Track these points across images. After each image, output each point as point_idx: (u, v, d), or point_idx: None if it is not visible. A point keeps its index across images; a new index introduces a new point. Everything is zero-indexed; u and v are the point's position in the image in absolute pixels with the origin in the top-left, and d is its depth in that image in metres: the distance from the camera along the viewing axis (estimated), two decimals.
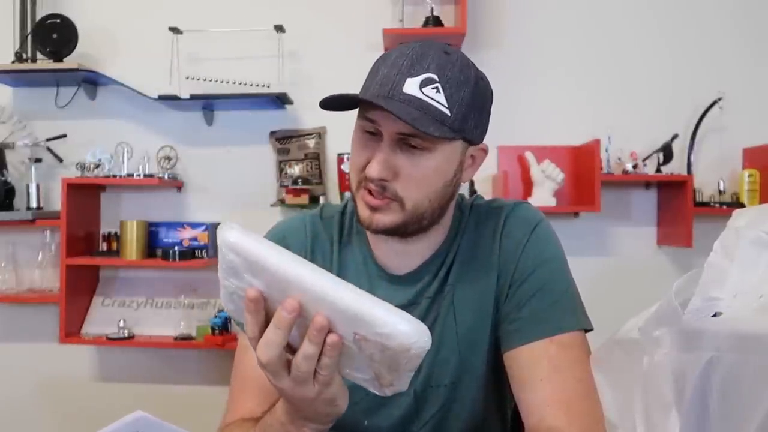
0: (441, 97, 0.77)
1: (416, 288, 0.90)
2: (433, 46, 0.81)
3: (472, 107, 0.80)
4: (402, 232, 0.84)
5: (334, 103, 0.79)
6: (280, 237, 0.95)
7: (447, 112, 0.77)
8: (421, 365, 0.88)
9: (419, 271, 0.90)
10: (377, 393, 0.64)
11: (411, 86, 0.77)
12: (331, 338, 0.58)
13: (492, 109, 0.88)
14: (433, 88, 0.77)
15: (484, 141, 0.89)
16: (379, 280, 0.91)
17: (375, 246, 0.91)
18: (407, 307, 0.89)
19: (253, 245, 0.59)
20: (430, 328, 0.87)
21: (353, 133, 0.84)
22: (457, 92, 0.78)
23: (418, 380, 0.89)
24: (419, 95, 0.77)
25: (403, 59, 0.79)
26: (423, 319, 0.88)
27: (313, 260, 0.92)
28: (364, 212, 0.83)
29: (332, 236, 0.94)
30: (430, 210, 0.83)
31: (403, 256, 0.90)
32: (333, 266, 0.92)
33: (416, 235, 0.87)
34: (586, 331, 0.86)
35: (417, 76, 0.77)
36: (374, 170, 0.78)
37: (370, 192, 0.81)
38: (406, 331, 0.55)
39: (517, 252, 0.88)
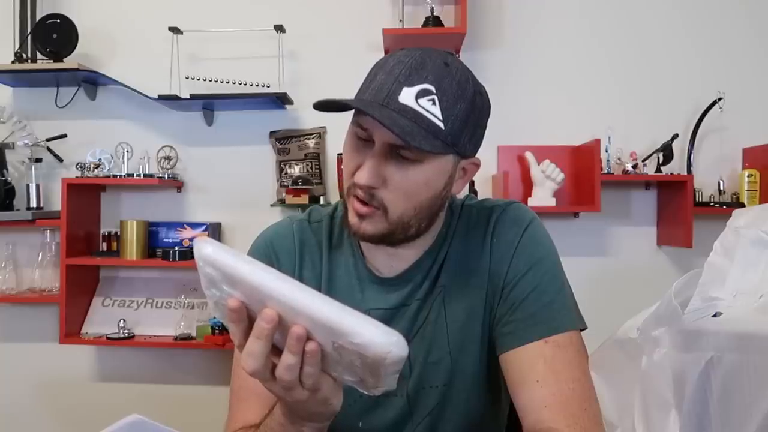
0: (436, 110, 0.76)
1: (406, 290, 0.90)
2: (433, 56, 0.79)
3: (466, 122, 0.79)
4: (388, 240, 0.83)
5: (328, 106, 0.78)
6: (267, 243, 0.95)
7: (441, 125, 0.76)
8: (413, 367, 0.89)
9: (409, 273, 0.90)
10: (367, 393, 0.64)
11: (407, 96, 0.75)
12: (310, 346, 0.58)
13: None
14: (429, 100, 0.76)
15: (478, 153, 0.87)
16: (369, 283, 0.91)
17: (365, 249, 0.91)
18: (398, 309, 0.89)
19: (227, 258, 0.60)
20: (421, 330, 0.89)
21: (346, 138, 0.84)
22: (453, 106, 0.77)
23: (410, 382, 0.89)
24: (414, 106, 0.75)
25: (401, 67, 0.77)
26: (414, 320, 0.89)
27: (301, 266, 0.92)
28: (352, 219, 0.82)
29: (321, 241, 0.94)
30: (416, 220, 0.82)
31: (393, 259, 0.90)
32: (323, 271, 0.92)
33: (404, 243, 0.86)
34: (581, 330, 0.86)
35: (414, 86, 0.76)
36: (363, 177, 0.78)
37: (358, 199, 0.80)
38: (379, 342, 0.55)
39: (509, 253, 0.87)
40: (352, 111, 0.82)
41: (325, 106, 0.77)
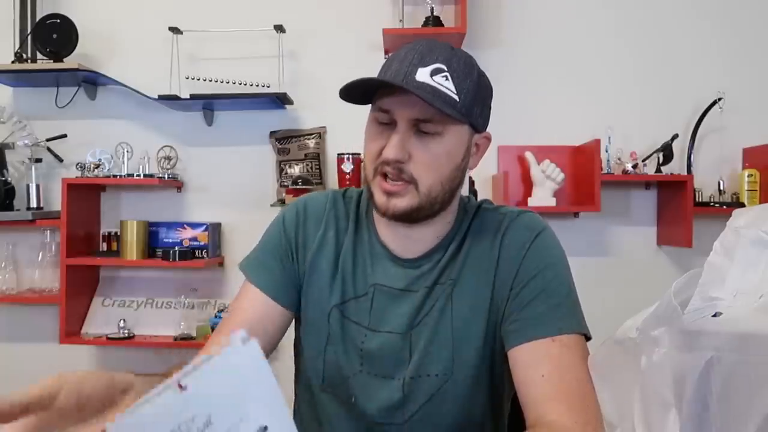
0: (450, 85, 0.83)
1: (415, 274, 0.93)
2: (439, 43, 0.87)
3: (476, 96, 0.86)
4: (415, 216, 0.88)
5: (354, 94, 0.85)
6: (301, 204, 1.01)
7: (456, 97, 0.83)
8: (413, 353, 0.90)
9: (420, 260, 0.94)
10: None
11: (423, 75, 0.82)
12: None
13: (492, 108, 0.92)
14: (442, 77, 0.83)
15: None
16: (382, 260, 0.95)
17: (381, 232, 0.96)
18: (404, 291, 0.93)
19: None
20: (426, 318, 0.91)
21: (366, 126, 0.89)
22: (463, 81, 0.84)
23: (408, 367, 0.90)
24: (430, 82, 0.82)
25: (413, 54, 0.85)
26: (419, 307, 0.92)
27: (326, 229, 0.98)
28: (380, 198, 0.87)
29: (349, 214, 1.00)
30: (442, 194, 0.88)
31: (406, 242, 0.94)
32: (345, 241, 0.97)
33: (426, 221, 0.91)
34: (587, 339, 0.87)
35: (427, 66, 0.83)
36: (391, 152, 0.84)
37: (385, 177, 0.86)
38: None
39: (520, 255, 0.90)
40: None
41: (351, 90, 0.83)
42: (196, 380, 0.43)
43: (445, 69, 0.83)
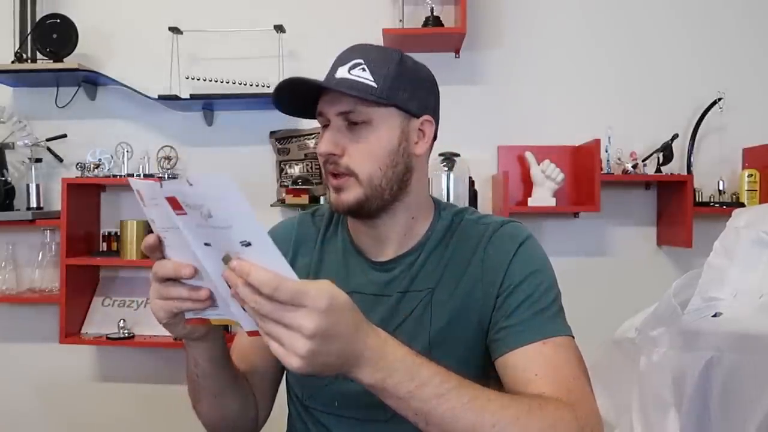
0: (367, 74, 0.87)
1: (385, 278, 0.94)
2: (363, 45, 0.93)
3: (399, 80, 0.88)
4: (367, 209, 0.90)
5: (297, 108, 0.92)
6: (269, 234, 1.02)
7: (374, 84, 0.87)
8: None
9: (391, 263, 0.95)
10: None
11: (342, 72, 0.89)
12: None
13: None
14: (360, 69, 0.88)
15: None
16: (358, 264, 0.97)
17: (354, 235, 0.99)
18: (378, 297, 0.93)
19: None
20: (403, 324, 0.91)
21: None
22: (381, 68, 0.88)
23: None
24: (349, 76, 0.88)
25: (336, 60, 0.92)
26: (393, 312, 0.92)
27: (296, 255, 1.00)
28: (332, 195, 0.91)
29: (319, 230, 1.02)
30: (385, 180, 0.89)
31: (375, 243, 0.96)
32: (314, 257, 1.00)
33: (383, 214, 0.92)
34: None
35: (345, 63, 0.89)
36: (322, 146, 0.88)
37: (332, 175, 0.89)
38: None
39: (505, 263, 0.90)
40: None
41: (279, 95, 0.89)
42: (199, 181, 0.58)
43: (363, 62, 0.88)
